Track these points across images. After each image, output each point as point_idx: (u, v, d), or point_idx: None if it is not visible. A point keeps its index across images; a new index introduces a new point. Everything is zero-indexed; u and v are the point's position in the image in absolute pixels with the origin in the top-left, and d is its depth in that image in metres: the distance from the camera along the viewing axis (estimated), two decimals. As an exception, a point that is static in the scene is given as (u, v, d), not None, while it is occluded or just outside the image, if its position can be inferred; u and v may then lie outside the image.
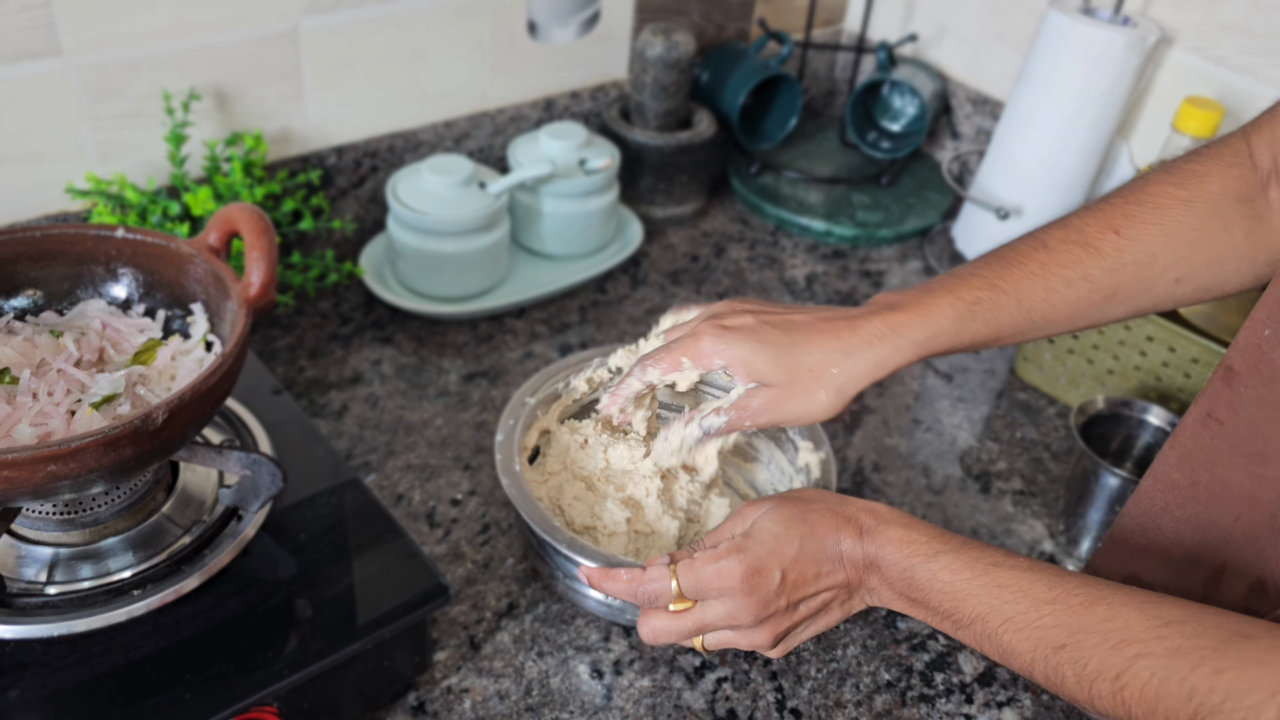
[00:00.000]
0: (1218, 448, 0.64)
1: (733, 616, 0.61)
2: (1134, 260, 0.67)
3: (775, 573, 0.60)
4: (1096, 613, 0.53)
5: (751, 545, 0.61)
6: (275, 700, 0.62)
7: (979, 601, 0.56)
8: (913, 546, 0.59)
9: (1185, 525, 0.67)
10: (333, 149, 1.09)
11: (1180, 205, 0.66)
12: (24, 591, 0.64)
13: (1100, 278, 0.67)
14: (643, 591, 0.62)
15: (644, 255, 1.21)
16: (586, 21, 1.21)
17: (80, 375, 0.67)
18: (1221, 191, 0.66)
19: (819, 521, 0.61)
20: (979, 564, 0.57)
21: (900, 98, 1.37)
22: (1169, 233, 0.66)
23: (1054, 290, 0.67)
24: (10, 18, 0.86)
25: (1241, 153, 0.66)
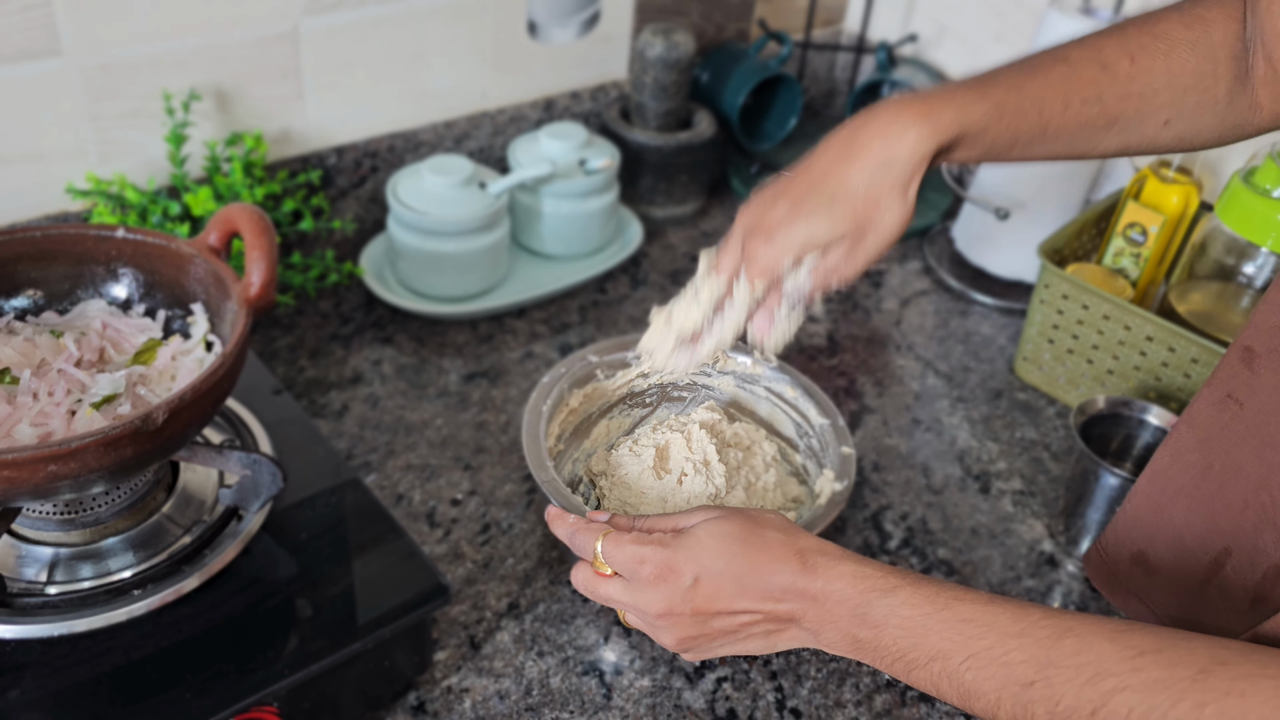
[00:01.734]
0: (1235, 430, 0.64)
1: (637, 605, 0.61)
2: (1140, 91, 0.67)
3: (687, 577, 0.59)
4: (1066, 645, 0.50)
5: (677, 544, 0.59)
6: (275, 700, 0.62)
7: (940, 637, 0.53)
8: (868, 581, 0.56)
9: (1197, 506, 0.67)
10: (333, 149, 1.09)
11: (1186, 47, 0.67)
12: (24, 591, 0.64)
13: (1111, 102, 0.67)
14: (576, 540, 0.64)
15: (644, 255, 1.21)
16: (586, 22, 1.21)
17: (81, 375, 0.67)
18: (1221, 41, 0.67)
19: (761, 546, 0.59)
20: (939, 598, 0.54)
21: (900, 98, 1.37)
22: (1173, 71, 0.67)
23: (1071, 106, 0.66)
24: (10, 18, 0.86)
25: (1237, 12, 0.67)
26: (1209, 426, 0.66)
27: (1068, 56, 0.68)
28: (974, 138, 0.65)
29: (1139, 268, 1.05)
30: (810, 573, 0.57)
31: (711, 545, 0.59)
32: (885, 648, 0.55)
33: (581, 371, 0.85)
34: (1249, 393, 0.63)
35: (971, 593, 0.54)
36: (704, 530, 0.60)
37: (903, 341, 1.12)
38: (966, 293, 1.19)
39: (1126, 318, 0.95)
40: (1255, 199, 0.91)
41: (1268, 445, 0.62)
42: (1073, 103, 0.67)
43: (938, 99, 0.65)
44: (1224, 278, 0.98)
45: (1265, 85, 0.66)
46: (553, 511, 0.67)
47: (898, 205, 0.65)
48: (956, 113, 0.64)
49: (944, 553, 0.87)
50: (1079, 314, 0.98)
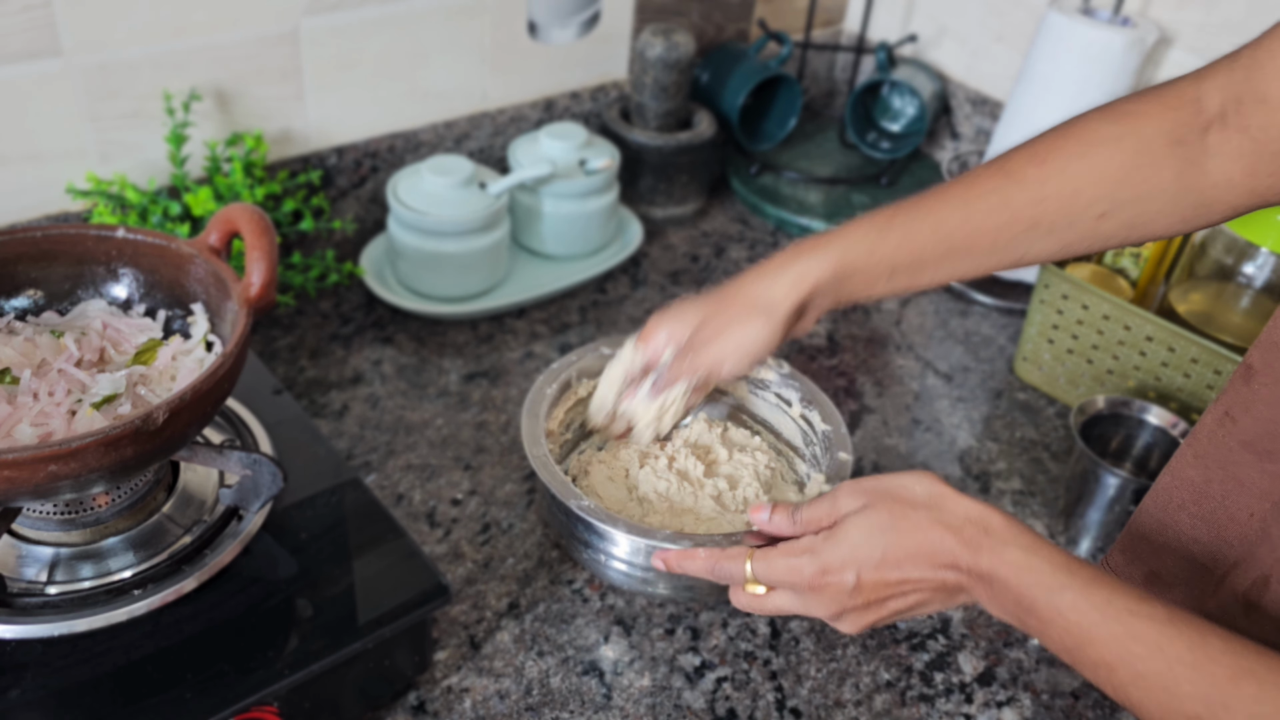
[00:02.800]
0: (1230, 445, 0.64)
1: (810, 612, 0.61)
2: (1057, 192, 0.66)
3: (849, 576, 0.59)
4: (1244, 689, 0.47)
5: (827, 549, 0.59)
6: (276, 700, 0.62)
7: (1106, 650, 0.51)
8: (1034, 575, 0.54)
9: (1201, 522, 0.66)
10: (333, 149, 1.09)
11: (1110, 142, 0.65)
12: (25, 591, 0.64)
13: (1022, 207, 0.66)
14: (719, 570, 0.64)
15: (644, 255, 1.21)
16: (586, 22, 1.21)
17: (81, 375, 0.67)
18: (1155, 132, 0.65)
19: (912, 529, 0.58)
20: (1110, 608, 0.52)
21: (900, 98, 1.37)
22: (1095, 167, 0.66)
23: (973, 215, 0.67)
24: (10, 18, 0.86)
25: (1187, 95, 0.65)
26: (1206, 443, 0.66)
27: (969, 175, 0.69)
28: (864, 267, 0.69)
29: (1139, 268, 1.05)
30: (974, 551, 0.56)
31: (862, 541, 0.59)
32: (1051, 640, 0.54)
33: (594, 363, 0.85)
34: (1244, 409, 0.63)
35: (1149, 605, 0.52)
36: (852, 526, 0.60)
37: (903, 341, 1.12)
38: (966, 293, 1.19)
39: (1126, 318, 0.95)
40: (1255, 199, 0.91)
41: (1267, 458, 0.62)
42: (974, 214, 0.67)
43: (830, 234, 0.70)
44: (1224, 278, 0.98)
45: (1239, 159, 0.63)
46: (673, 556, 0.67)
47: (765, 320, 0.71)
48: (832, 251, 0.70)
49: (944, 553, 0.87)
50: (1079, 314, 0.99)
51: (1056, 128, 0.68)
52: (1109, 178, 0.65)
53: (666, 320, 0.76)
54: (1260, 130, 0.61)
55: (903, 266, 0.69)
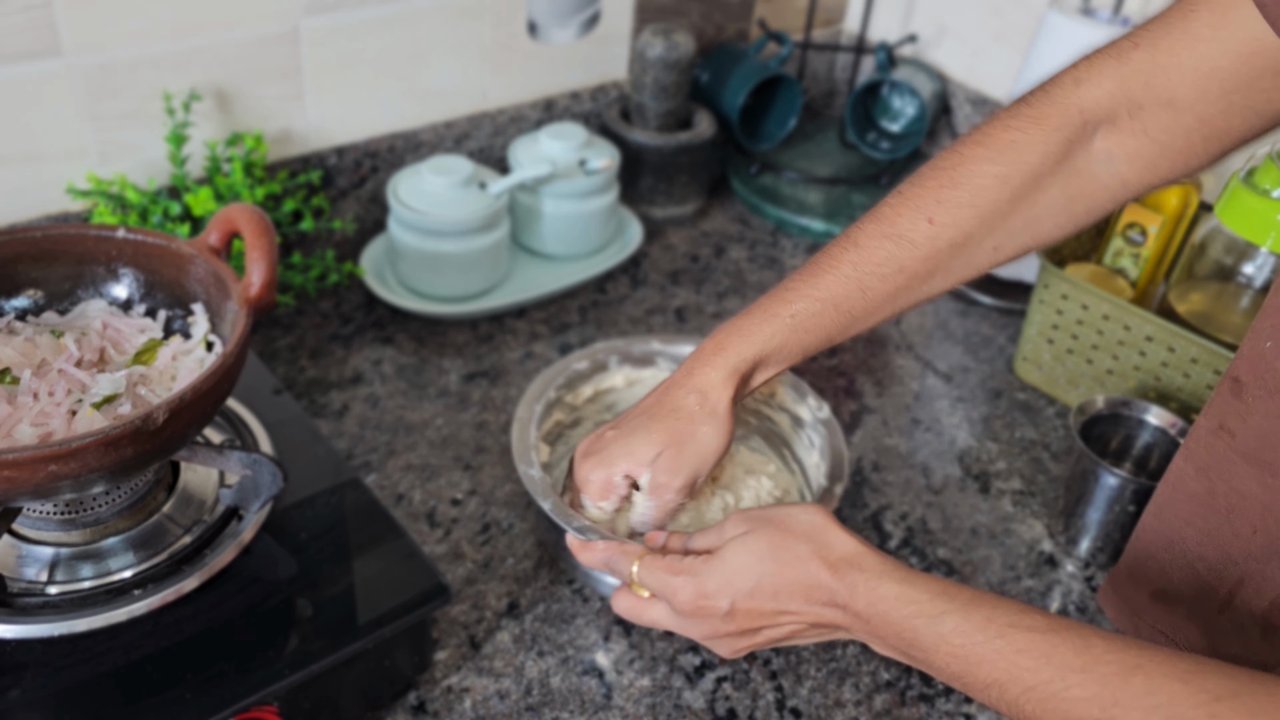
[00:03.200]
0: (1231, 459, 0.63)
1: (683, 630, 0.61)
2: (949, 243, 0.67)
3: (723, 603, 0.58)
4: (1134, 684, 0.47)
5: (706, 571, 0.59)
6: (276, 700, 0.62)
7: (994, 668, 0.51)
8: (913, 606, 0.54)
9: (1207, 538, 0.66)
10: (333, 149, 1.09)
11: (996, 183, 0.65)
12: (25, 591, 0.64)
13: (915, 266, 0.67)
14: (613, 564, 0.64)
15: (644, 255, 1.21)
16: (586, 22, 1.21)
17: (81, 375, 0.67)
18: (1040, 159, 0.65)
19: (791, 561, 0.58)
20: (991, 625, 0.51)
21: (900, 98, 1.37)
22: (983, 212, 0.66)
23: (869, 288, 0.68)
24: (10, 18, 0.86)
25: (1070, 110, 0.64)
26: (1206, 457, 0.65)
27: (858, 240, 0.69)
28: (778, 354, 0.70)
29: (1138, 268, 1.05)
30: (848, 590, 0.56)
31: (740, 567, 0.58)
32: (938, 670, 0.54)
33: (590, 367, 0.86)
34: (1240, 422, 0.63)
35: (1029, 616, 0.51)
36: (731, 552, 0.59)
37: (903, 341, 1.12)
38: (966, 293, 1.19)
39: (1126, 318, 0.95)
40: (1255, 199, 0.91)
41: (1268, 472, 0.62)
42: (870, 285, 0.68)
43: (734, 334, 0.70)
44: (1223, 278, 0.98)
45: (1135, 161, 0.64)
46: (576, 543, 0.67)
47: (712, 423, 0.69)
48: (748, 343, 0.69)
49: (944, 553, 0.87)
50: (1078, 314, 0.99)
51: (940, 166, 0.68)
52: (998, 215, 0.66)
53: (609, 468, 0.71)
54: (1163, 132, 0.62)
55: (811, 347, 0.71)
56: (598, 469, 0.71)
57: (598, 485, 0.71)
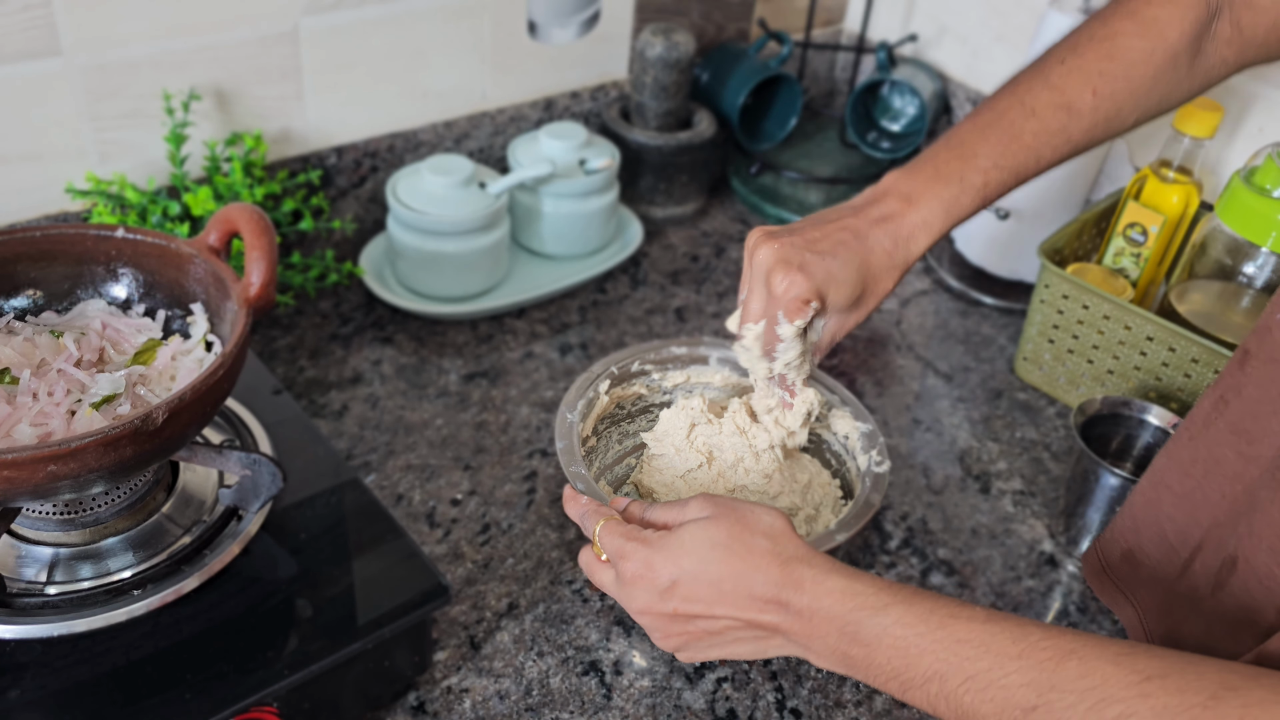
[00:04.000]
0: (1219, 427, 0.65)
1: (620, 598, 0.62)
2: (1106, 117, 0.74)
3: (664, 579, 0.59)
4: (1068, 668, 0.48)
5: (660, 544, 0.59)
6: (275, 700, 0.62)
7: (935, 658, 0.52)
8: (858, 599, 0.55)
9: (1180, 502, 0.68)
10: (333, 149, 1.09)
11: (1144, 58, 0.73)
12: (24, 591, 0.64)
13: (1079, 138, 0.75)
14: (584, 520, 0.66)
15: (644, 255, 1.21)
16: (586, 21, 1.21)
17: (80, 375, 0.67)
18: (1179, 38, 0.73)
19: (744, 553, 0.58)
20: (933, 616, 0.53)
21: (900, 98, 1.37)
22: (1135, 86, 0.73)
23: (1043, 158, 0.75)
24: (10, 18, 0.86)
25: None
26: (1200, 425, 0.67)
27: (1035, 107, 0.75)
28: (964, 219, 0.75)
29: (1139, 268, 1.05)
30: (795, 586, 0.56)
31: (693, 548, 0.58)
32: (878, 666, 0.54)
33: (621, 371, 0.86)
34: (1235, 392, 0.64)
35: (968, 609, 0.53)
36: (688, 532, 0.59)
37: (903, 341, 1.12)
38: (967, 293, 1.19)
39: (1127, 318, 0.95)
40: (1255, 199, 0.91)
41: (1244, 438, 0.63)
42: (1044, 154, 0.75)
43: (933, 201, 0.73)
44: (1224, 278, 0.97)
45: (1231, 44, 0.74)
46: (569, 492, 0.68)
47: (890, 286, 0.75)
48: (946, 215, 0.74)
49: (944, 553, 0.87)
50: (1079, 314, 0.98)
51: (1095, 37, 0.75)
52: (1144, 90, 0.74)
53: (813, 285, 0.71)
54: (1249, 28, 0.74)
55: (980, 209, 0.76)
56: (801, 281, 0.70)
57: (794, 301, 0.70)
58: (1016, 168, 0.74)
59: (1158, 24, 0.73)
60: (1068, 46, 0.76)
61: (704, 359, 0.88)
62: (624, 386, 0.86)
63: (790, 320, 0.71)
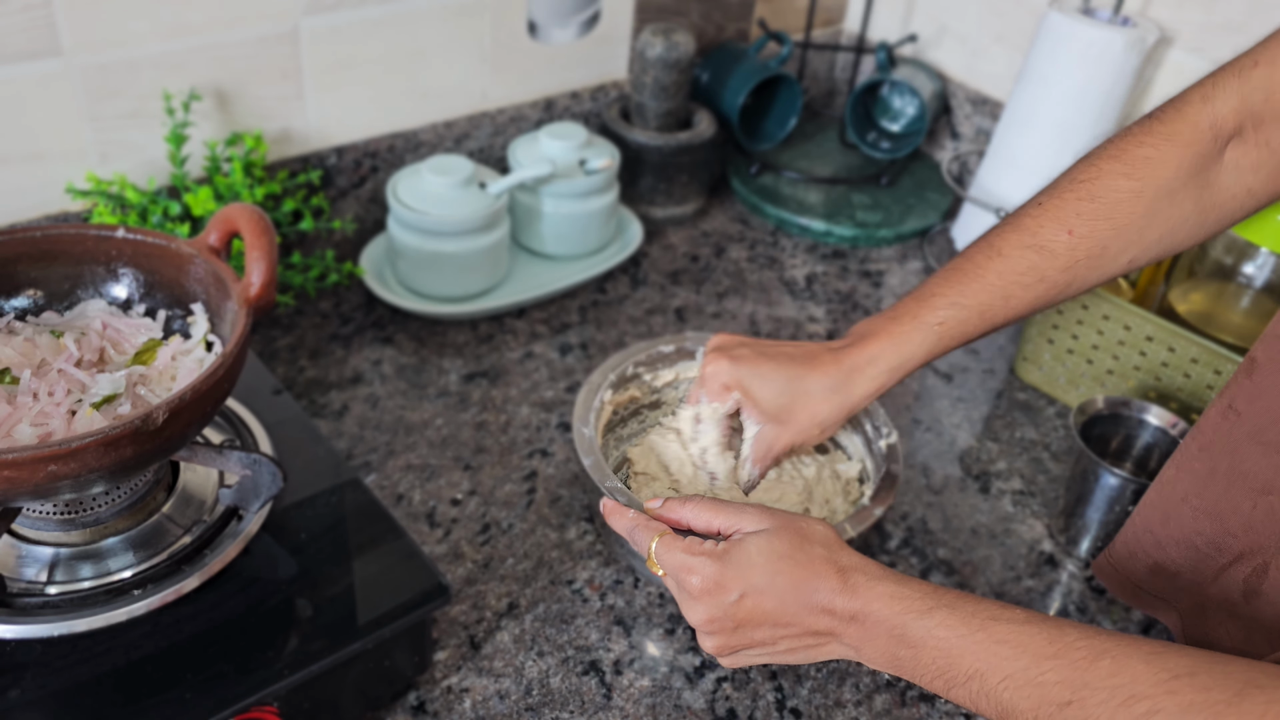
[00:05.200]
0: (1236, 437, 0.65)
1: (684, 610, 0.63)
2: (1087, 255, 0.70)
3: (734, 593, 0.60)
4: (1101, 667, 0.50)
5: (727, 559, 0.60)
6: (275, 700, 0.62)
7: (975, 658, 0.54)
8: (905, 602, 0.57)
9: (1204, 513, 0.67)
10: (333, 149, 1.09)
11: (1131, 198, 0.68)
12: (24, 591, 0.64)
13: (1056, 277, 0.71)
14: (634, 536, 0.66)
15: (644, 255, 1.21)
16: (586, 22, 1.21)
17: (81, 375, 0.67)
18: (1174, 175, 0.68)
19: (805, 562, 0.60)
20: (975, 619, 0.55)
21: (900, 98, 1.37)
22: (1120, 225, 0.69)
23: (1013, 296, 0.72)
24: (10, 18, 0.86)
25: (1200, 126, 0.67)
26: (1211, 436, 0.66)
27: (1002, 249, 0.72)
28: (922, 361, 0.75)
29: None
30: (850, 592, 0.58)
31: (760, 562, 0.60)
32: (924, 666, 0.56)
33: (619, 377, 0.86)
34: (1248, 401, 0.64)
35: (1009, 611, 0.55)
36: (754, 546, 0.60)
37: (903, 341, 1.12)
38: (966, 293, 1.19)
39: (1126, 318, 0.95)
40: (1255, 199, 0.91)
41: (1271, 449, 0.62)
42: (1013, 293, 0.72)
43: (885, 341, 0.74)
44: (1224, 278, 0.98)
45: (1258, 171, 0.68)
46: (610, 505, 0.68)
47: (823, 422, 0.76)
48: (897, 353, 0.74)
49: (944, 553, 0.87)
50: (1079, 314, 0.98)
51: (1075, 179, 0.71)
52: (1134, 229, 0.69)
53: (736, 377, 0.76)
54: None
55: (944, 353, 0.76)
56: (725, 367, 0.76)
57: (717, 385, 0.77)
58: (980, 306, 0.72)
59: (1148, 163, 0.68)
60: (1048, 190, 0.72)
61: (691, 354, 0.89)
62: (620, 392, 0.86)
63: (710, 399, 0.78)
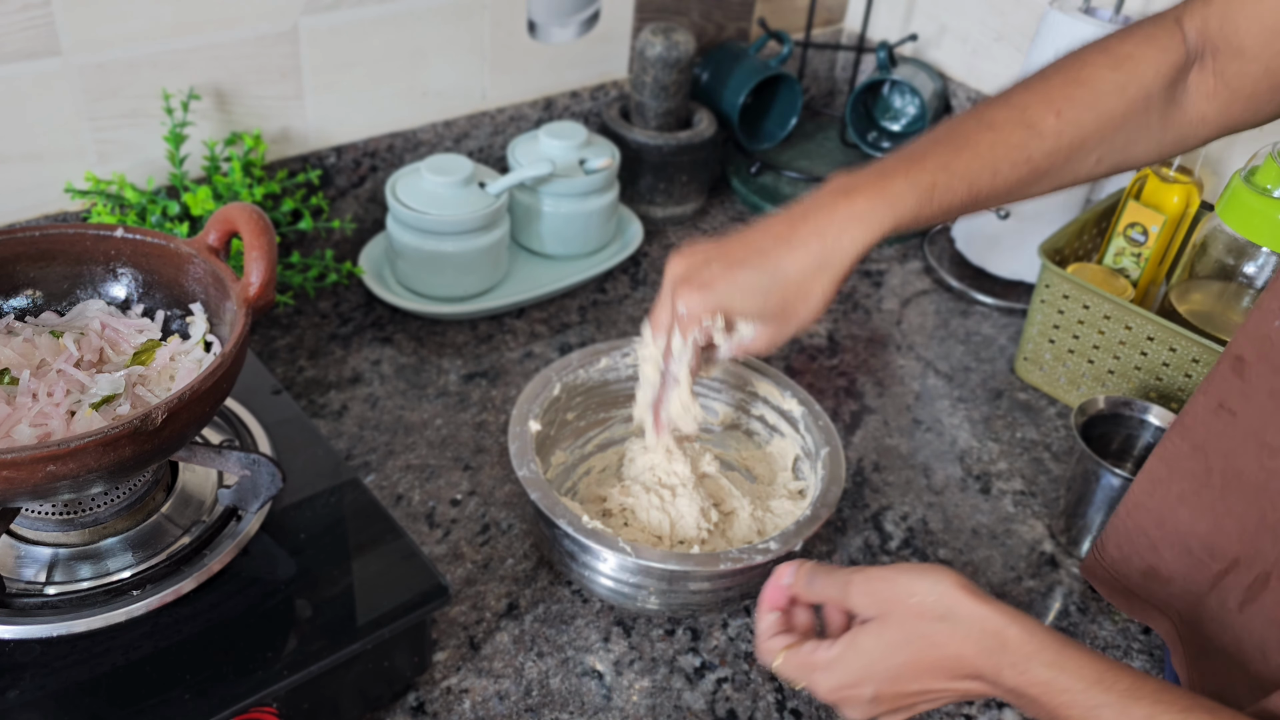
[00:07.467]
0: (1231, 437, 0.64)
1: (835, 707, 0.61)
2: (1069, 144, 0.68)
3: (866, 691, 0.58)
4: None
5: (843, 665, 0.58)
6: (275, 701, 0.62)
7: None
8: (1066, 695, 0.51)
9: (1200, 515, 0.66)
10: (332, 149, 1.09)
11: (1115, 90, 0.68)
12: (23, 592, 0.64)
13: (1040, 160, 0.69)
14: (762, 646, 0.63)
15: (644, 255, 1.21)
16: (586, 21, 1.21)
17: (80, 375, 0.67)
18: (1153, 77, 0.68)
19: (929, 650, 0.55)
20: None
21: (900, 97, 1.37)
22: (1101, 117, 0.68)
23: (999, 172, 0.69)
24: (10, 17, 0.86)
25: (1175, 35, 0.68)
26: (1204, 434, 0.66)
27: (993, 121, 0.70)
28: (906, 225, 0.68)
29: (1140, 267, 1.05)
30: (995, 667, 0.54)
31: (877, 657, 0.57)
32: None
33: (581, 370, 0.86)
34: (1241, 401, 0.63)
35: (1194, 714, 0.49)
36: (866, 643, 0.57)
37: (903, 341, 1.12)
38: (967, 293, 1.19)
39: (1127, 318, 0.95)
40: (1256, 199, 0.91)
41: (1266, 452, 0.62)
42: (1001, 169, 0.69)
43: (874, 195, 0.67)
44: (1225, 278, 0.97)
45: (1213, 99, 0.68)
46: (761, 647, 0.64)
47: (822, 301, 0.69)
48: (890, 210, 0.67)
49: (944, 553, 0.87)
50: (1080, 314, 0.98)
51: (1062, 67, 0.70)
52: (1111, 125, 0.68)
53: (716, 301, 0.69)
54: (1235, 78, 0.67)
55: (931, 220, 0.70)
56: (699, 297, 0.69)
57: (691, 318, 0.70)
58: (969, 175, 0.68)
59: (1132, 60, 0.68)
60: (1036, 75, 0.71)
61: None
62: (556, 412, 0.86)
63: (684, 335, 0.71)
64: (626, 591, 0.75)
